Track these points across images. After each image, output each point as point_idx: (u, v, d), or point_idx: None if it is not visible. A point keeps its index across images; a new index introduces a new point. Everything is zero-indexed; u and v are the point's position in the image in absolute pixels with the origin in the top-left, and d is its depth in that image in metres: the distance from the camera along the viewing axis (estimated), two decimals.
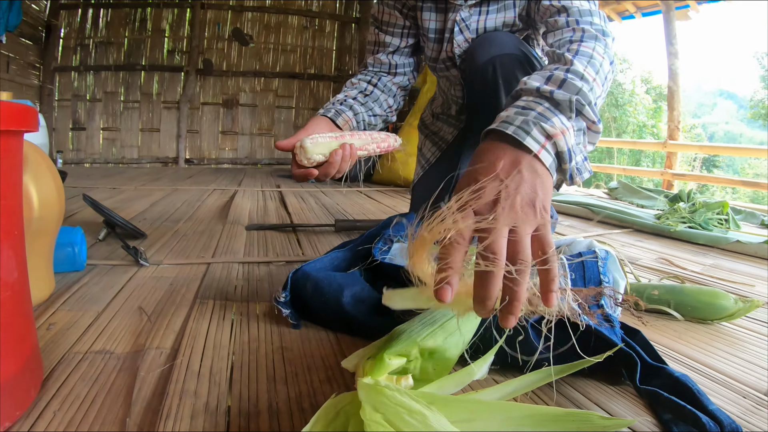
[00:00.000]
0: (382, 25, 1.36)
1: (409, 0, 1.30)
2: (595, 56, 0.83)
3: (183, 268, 1.22)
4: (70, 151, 5.39)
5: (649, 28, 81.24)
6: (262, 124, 6.05)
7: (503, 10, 1.21)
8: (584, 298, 0.60)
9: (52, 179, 0.93)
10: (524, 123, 0.64)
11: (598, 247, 0.91)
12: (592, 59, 0.82)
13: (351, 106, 1.21)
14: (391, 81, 1.37)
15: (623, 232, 2.08)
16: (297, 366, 0.71)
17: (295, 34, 6.10)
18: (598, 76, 0.80)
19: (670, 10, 4.44)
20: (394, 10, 1.33)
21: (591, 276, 0.83)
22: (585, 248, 0.95)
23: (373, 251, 0.97)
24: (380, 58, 1.37)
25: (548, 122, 0.65)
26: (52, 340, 0.77)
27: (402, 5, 1.32)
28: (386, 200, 2.80)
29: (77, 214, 1.89)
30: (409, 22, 1.34)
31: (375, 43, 1.39)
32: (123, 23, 5.52)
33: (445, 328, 0.64)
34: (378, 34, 1.37)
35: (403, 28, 1.35)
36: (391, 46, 1.36)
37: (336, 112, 1.16)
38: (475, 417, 0.50)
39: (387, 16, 1.34)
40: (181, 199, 2.56)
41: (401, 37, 1.36)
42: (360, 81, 1.34)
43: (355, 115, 1.20)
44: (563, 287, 0.57)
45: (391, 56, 1.37)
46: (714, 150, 7.99)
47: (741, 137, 34.84)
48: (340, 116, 1.15)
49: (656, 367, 0.69)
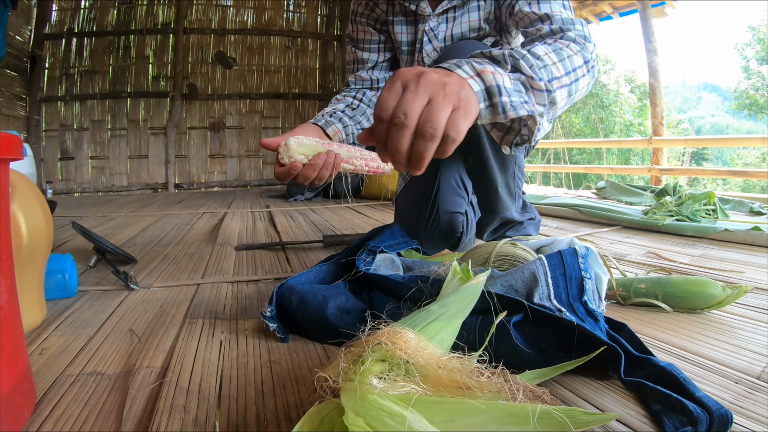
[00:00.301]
0: (358, 43, 1.38)
1: (381, 15, 1.33)
2: (564, 49, 0.87)
3: (173, 290, 1.22)
4: (59, 181, 5.38)
5: (627, 27, 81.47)
6: (249, 146, 6.07)
7: (467, 13, 1.23)
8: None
9: (40, 207, 0.94)
10: (458, 62, 0.71)
11: (578, 244, 0.92)
12: (560, 50, 0.86)
13: (340, 119, 1.21)
14: (374, 95, 1.38)
15: (611, 229, 2.10)
16: (285, 378, 0.72)
17: (278, 54, 6.14)
18: (561, 63, 0.84)
19: (646, 8, 4.50)
20: (368, 26, 1.35)
21: (572, 273, 0.84)
22: (565, 246, 0.96)
23: (357, 263, 0.98)
24: (361, 75, 1.39)
25: (479, 65, 0.71)
26: (44, 365, 0.78)
27: (374, 21, 1.34)
28: (375, 214, 2.82)
29: (68, 243, 1.89)
30: (383, 36, 1.36)
31: (354, 62, 1.41)
32: (107, 51, 5.55)
33: (426, 332, 0.65)
34: (355, 52, 1.39)
35: (379, 42, 1.37)
36: (370, 62, 1.38)
37: (326, 122, 1.17)
38: (455, 417, 0.51)
39: (362, 34, 1.37)
40: (171, 223, 2.57)
41: (378, 52, 1.38)
42: (345, 96, 1.36)
43: (344, 127, 1.21)
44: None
45: (371, 72, 1.39)
46: (700, 143, 8.06)
47: (728, 128, 35.16)
48: (330, 126, 1.16)
49: (642, 359, 0.70)
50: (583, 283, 0.84)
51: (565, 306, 0.81)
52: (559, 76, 0.83)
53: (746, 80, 20.40)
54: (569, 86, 0.86)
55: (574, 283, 0.84)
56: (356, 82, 1.40)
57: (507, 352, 0.71)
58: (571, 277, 0.84)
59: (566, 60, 0.85)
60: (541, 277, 0.82)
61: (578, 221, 2.39)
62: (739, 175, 6.26)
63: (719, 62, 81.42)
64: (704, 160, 19.99)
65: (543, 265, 0.84)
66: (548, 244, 1.04)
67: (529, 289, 0.82)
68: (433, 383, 0.55)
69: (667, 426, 0.57)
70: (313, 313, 0.84)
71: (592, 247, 0.91)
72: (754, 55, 20.43)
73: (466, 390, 0.54)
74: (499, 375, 0.57)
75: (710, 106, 47.00)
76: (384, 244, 1.11)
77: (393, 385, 0.52)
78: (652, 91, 4.58)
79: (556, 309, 0.78)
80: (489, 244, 1.02)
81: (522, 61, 0.76)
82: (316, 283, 0.95)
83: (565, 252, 0.86)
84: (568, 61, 0.86)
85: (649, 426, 0.59)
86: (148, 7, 5.68)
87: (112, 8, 5.56)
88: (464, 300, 0.70)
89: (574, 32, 0.97)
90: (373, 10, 1.33)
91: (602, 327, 0.79)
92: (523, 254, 0.96)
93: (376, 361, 0.56)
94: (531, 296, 0.81)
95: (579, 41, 0.94)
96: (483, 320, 0.74)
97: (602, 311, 0.85)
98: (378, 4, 1.32)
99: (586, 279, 0.84)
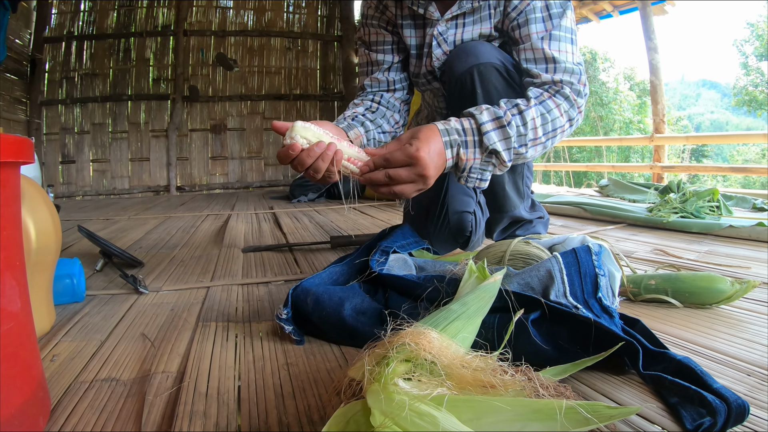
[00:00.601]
0: (371, 45, 1.37)
1: (391, 17, 1.32)
2: (553, 110, 1.06)
3: (183, 293, 1.22)
4: (60, 184, 5.37)
5: (627, 25, 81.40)
6: (251, 148, 6.06)
7: (479, 21, 1.23)
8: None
9: (48, 211, 0.93)
10: (453, 141, 0.99)
11: (591, 242, 0.92)
12: (548, 112, 1.06)
13: (362, 123, 1.23)
14: (392, 97, 1.37)
15: (617, 227, 2.10)
16: (304, 381, 0.72)
17: (279, 55, 6.13)
18: (543, 127, 1.05)
19: (647, 6, 4.50)
20: (380, 28, 1.34)
21: (586, 270, 0.84)
22: (578, 244, 0.96)
23: (371, 263, 0.98)
24: (377, 77, 1.37)
25: (465, 151, 1.00)
26: (57, 371, 0.77)
27: (386, 23, 1.33)
28: (380, 215, 2.81)
29: (73, 246, 1.89)
30: (396, 37, 1.36)
31: (368, 64, 1.40)
32: (107, 54, 5.54)
33: (448, 331, 0.65)
34: (369, 54, 1.38)
35: (393, 44, 1.36)
36: (386, 63, 1.37)
37: (348, 125, 1.18)
38: (482, 415, 0.50)
39: (374, 36, 1.36)
40: (175, 226, 2.56)
41: (393, 53, 1.37)
42: (363, 101, 1.35)
43: (366, 131, 1.23)
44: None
45: (387, 73, 1.38)
46: (701, 140, 8.06)
47: (727, 125, 35.15)
48: (352, 130, 1.18)
49: (658, 353, 0.70)
50: (598, 280, 0.83)
51: (581, 303, 0.81)
52: (537, 137, 1.05)
53: (745, 77, 20.41)
54: (545, 143, 1.07)
55: (589, 280, 0.83)
56: (372, 85, 1.38)
57: (526, 348, 0.71)
58: (585, 275, 0.84)
59: (550, 123, 1.06)
60: (557, 275, 0.82)
61: (583, 219, 2.39)
62: (740, 171, 6.26)
63: (718, 59, 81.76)
64: (704, 157, 20.00)
65: (558, 262, 0.83)
66: (561, 242, 1.04)
67: (545, 287, 0.82)
68: (457, 382, 0.54)
69: (685, 418, 0.57)
70: (329, 315, 0.84)
71: (605, 245, 0.91)
72: (752, 51, 20.43)
73: (491, 388, 0.54)
74: (522, 373, 0.57)
75: (709, 102, 47.03)
76: (396, 244, 1.11)
77: (419, 386, 0.52)
78: (653, 89, 4.58)
79: (572, 306, 0.78)
80: (503, 243, 1.02)
81: (503, 154, 1.01)
82: (330, 285, 0.95)
83: (579, 250, 0.86)
84: (551, 124, 1.06)
85: (667, 418, 0.59)
86: (148, 9, 5.67)
87: (111, 11, 5.55)
88: (483, 298, 0.71)
89: (570, 89, 1.10)
90: (383, 12, 1.33)
91: (617, 323, 0.79)
92: (537, 252, 0.96)
93: (401, 361, 0.56)
94: (547, 294, 0.81)
95: (571, 98, 1.09)
96: (501, 318, 0.74)
97: (616, 307, 0.85)
98: (388, 7, 1.31)
99: (600, 276, 0.84)
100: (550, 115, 1.06)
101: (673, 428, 0.57)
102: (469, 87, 1.19)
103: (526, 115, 1.03)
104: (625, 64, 26.25)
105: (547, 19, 1.13)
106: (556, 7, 1.13)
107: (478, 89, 1.18)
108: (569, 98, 1.09)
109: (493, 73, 1.18)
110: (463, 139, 1.00)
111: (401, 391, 0.50)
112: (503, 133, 1.00)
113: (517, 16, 1.16)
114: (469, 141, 1.00)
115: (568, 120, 1.09)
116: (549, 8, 1.13)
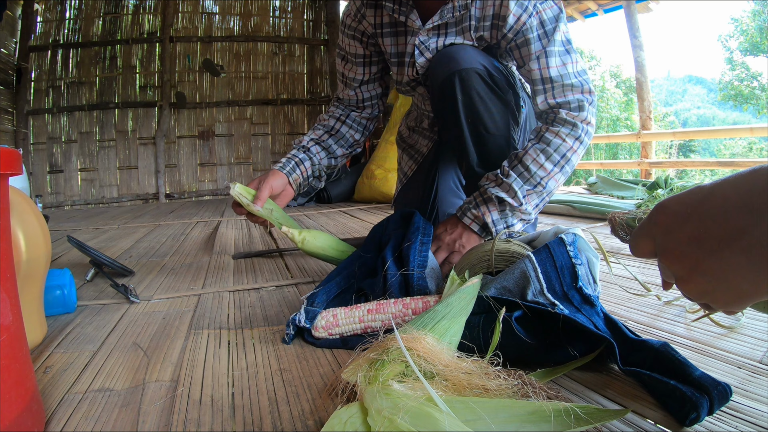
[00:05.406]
0: (347, 54, 1.40)
1: (368, 28, 1.32)
2: (553, 141, 1.14)
3: (174, 301, 1.22)
4: (48, 194, 5.32)
5: (612, 23, 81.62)
6: (239, 153, 6.03)
7: (461, 33, 1.23)
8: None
9: (37, 222, 0.93)
10: (465, 210, 1.21)
11: (564, 232, 0.92)
12: (549, 145, 1.14)
13: (311, 157, 1.36)
14: (359, 116, 1.43)
15: (606, 224, 2.11)
16: (297, 386, 0.72)
17: (266, 60, 6.11)
18: (549, 161, 1.14)
19: (631, 4, 4.54)
20: (353, 40, 1.35)
21: (562, 263, 0.84)
22: (552, 237, 0.97)
23: (411, 248, 1.03)
24: (348, 93, 1.43)
25: (478, 209, 1.18)
26: (50, 383, 0.77)
27: (361, 34, 1.34)
28: (369, 218, 2.82)
29: (63, 257, 1.88)
30: (369, 50, 1.36)
31: (342, 75, 1.44)
32: (93, 62, 5.49)
33: (437, 330, 0.66)
34: (344, 65, 1.41)
35: (364, 57, 1.37)
36: (356, 81, 1.40)
37: (293, 167, 1.33)
38: (477, 416, 0.51)
39: (347, 47, 1.38)
40: (165, 234, 2.55)
41: (364, 66, 1.38)
42: (329, 118, 1.43)
43: (312, 165, 1.36)
44: None
45: (359, 90, 1.41)
46: (688, 135, 8.13)
47: (714, 119, 35.44)
48: (294, 172, 1.33)
49: (638, 342, 0.70)
50: (575, 269, 0.84)
51: (561, 296, 0.82)
52: (548, 171, 1.15)
53: (730, 71, 20.63)
54: (561, 171, 1.16)
55: (567, 272, 0.84)
56: (344, 99, 1.45)
57: (512, 345, 0.71)
58: (562, 267, 0.84)
59: (555, 153, 1.14)
60: (531, 274, 0.83)
61: (573, 217, 2.40)
62: (727, 165, 6.31)
63: (703, 55, 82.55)
64: (692, 152, 20.16)
65: (531, 262, 0.84)
66: (534, 238, 1.04)
67: (521, 288, 0.83)
68: (452, 384, 0.55)
69: (672, 411, 0.59)
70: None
71: (579, 232, 0.91)
72: (737, 46, 20.66)
73: (485, 391, 0.55)
74: (514, 376, 0.57)
75: (695, 98, 47.39)
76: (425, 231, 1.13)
77: (414, 386, 0.53)
78: (639, 86, 4.61)
79: (549, 303, 0.79)
80: (485, 244, 1.03)
81: (511, 200, 1.15)
82: (345, 287, 1.06)
83: (552, 244, 0.87)
84: (557, 153, 1.14)
85: (658, 411, 0.60)
86: (134, 16, 5.64)
87: (97, 19, 5.51)
88: (464, 299, 0.74)
89: (568, 110, 1.14)
90: (360, 22, 1.33)
91: (599, 311, 0.80)
92: (518, 250, 0.97)
93: (395, 363, 0.56)
94: (524, 294, 0.82)
95: (569, 120, 1.14)
96: (486, 318, 0.75)
97: (598, 293, 0.86)
98: (366, 15, 1.31)
99: (578, 265, 0.85)
100: (551, 146, 1.14)
101: (664, 421, 0.58)
102: (450, 94, 1.20)
103: (526, 160, 1.15)
104: (611, 62, 26.43)
105: (543, 36, 1.15)
106: (549, 23, 1.14)
107: (458, 96, 1.19)
108: (567, 122, 1.15)
109: (475, 79, 1.18)
110: (473, 203, 1.20)
111: (398, 392, 0.50)
112: (503, 187, 1.16)
113: (514, 36, 1.17)
114: (478, 201, 1.19)
115: (574, 140, 1.15)
116: (543, 25, 1.14)
